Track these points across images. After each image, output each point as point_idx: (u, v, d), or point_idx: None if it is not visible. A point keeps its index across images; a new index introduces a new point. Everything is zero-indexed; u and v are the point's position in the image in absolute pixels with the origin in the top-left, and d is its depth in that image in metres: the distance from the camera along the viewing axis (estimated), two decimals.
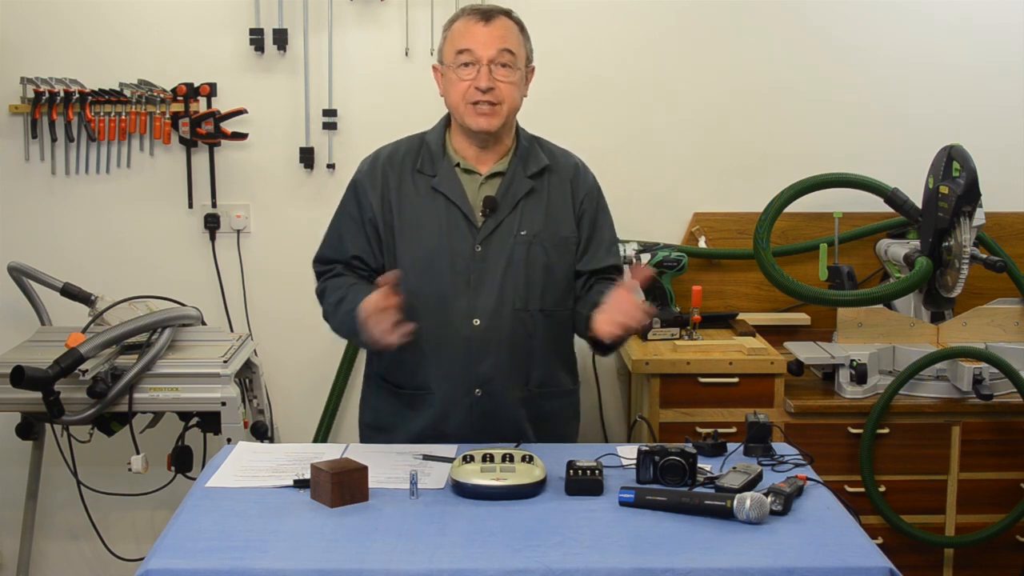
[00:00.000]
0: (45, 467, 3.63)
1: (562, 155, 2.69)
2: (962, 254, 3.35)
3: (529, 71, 2.61)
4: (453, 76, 2.53)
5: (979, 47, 3.81)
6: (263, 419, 3.47)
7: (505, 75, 2.51)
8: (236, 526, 2.03)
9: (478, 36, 2.51)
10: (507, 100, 2.52)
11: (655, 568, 1.88)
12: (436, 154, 2.60)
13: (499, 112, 2.52)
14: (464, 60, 2.51)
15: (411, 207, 2.58)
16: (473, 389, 2.57)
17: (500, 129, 2.55)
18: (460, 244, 2.55)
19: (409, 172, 2.60)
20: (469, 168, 2.60)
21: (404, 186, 2.59)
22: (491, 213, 2.55)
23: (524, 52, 2.57)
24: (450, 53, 2.54)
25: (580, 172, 2.68)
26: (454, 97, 2.54)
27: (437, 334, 2.56)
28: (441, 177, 2.58)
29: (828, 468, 3.08)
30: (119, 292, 3.44)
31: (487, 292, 2.55)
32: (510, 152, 2.62)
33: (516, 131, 2.64)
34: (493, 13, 2.54)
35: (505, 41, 2.52)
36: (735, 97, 3.82)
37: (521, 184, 2.59)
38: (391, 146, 2.67)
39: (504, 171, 2.59)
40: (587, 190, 2.66)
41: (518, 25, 2.57)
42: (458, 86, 2.52)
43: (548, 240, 2.59)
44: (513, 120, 2.61)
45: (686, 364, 3.37)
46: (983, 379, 3.32)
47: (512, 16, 2.57)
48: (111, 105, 3.66)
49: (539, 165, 2.61)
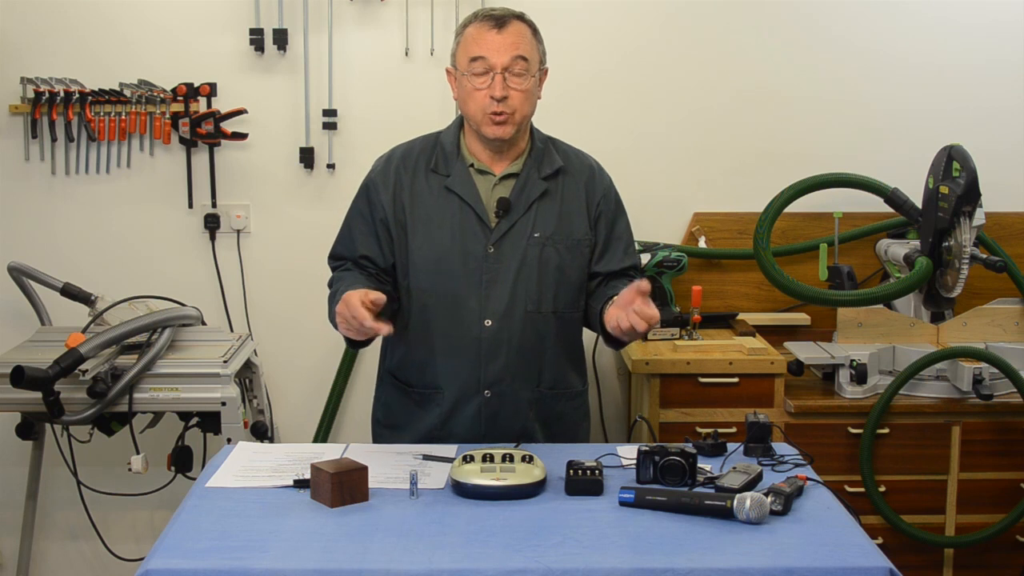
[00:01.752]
0: (45, 467, 3.63)
1: (577, 157, 2.68)
2: (962, 254, 3.35)
3: (543, 72, 2.60)
4: (468, 85, 2.52)
5: (979, 47, 3.81)
6: (263, 419, 3.47)
7: (518, 83, 2.50)
8: (236, 526, 2.03)
9: (491, 44, 2.49)
10: (519, 109, 2.51)
11: (655, 568, 1.88)
12: (450, 154, 2.60)
13: (512, 120, 2.51)
14: (478, 69, 2.50)
15: (424, 206, 2.58)
16: (483, 390, 2.57)
17: (513, 136, 2.55)
18: (473, 244, 2.55)
19: (423, 172, 2.60)
20: (483, 169, 2.59)
21: (417, 185, 2.59)
22: (504, 214, 2.55)
23: (538, 55, 2.56)
24: (463, 60, 2.53)
25: (596, 174, 2.67)
26: (471, 108, 2.53)
27: (448, 334, 2.56)
28: (455, 177, 2.58)
29: (828, 468, 3.09)
30: (119, 292, 3.44)
31: (499, 293, 2.55)
32: (524, 153, 2.61)
33: (531, 132, 2.64)
34: (506, 19, 2.52)
35: (518, 48, 2.50)
36: (735, 97, 3.82)
37: (535, 186, 2.59)
38: (405, 145, 2.67)
39: (518, 172, 2.59)
40: (603, 192, 2.66)
41: (531, 28, 2.56)
42: (474, 96, 2.51)
43: (561, 242, 2.59)
44: (527, 125, 2.60)
45: (686, 364, 3.37)
46: (983, 379, 3.32)
47: (525, 19, 2.56)
48: (111, 105, 3.66)
49: (553, 167, 2.61)
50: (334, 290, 2.55)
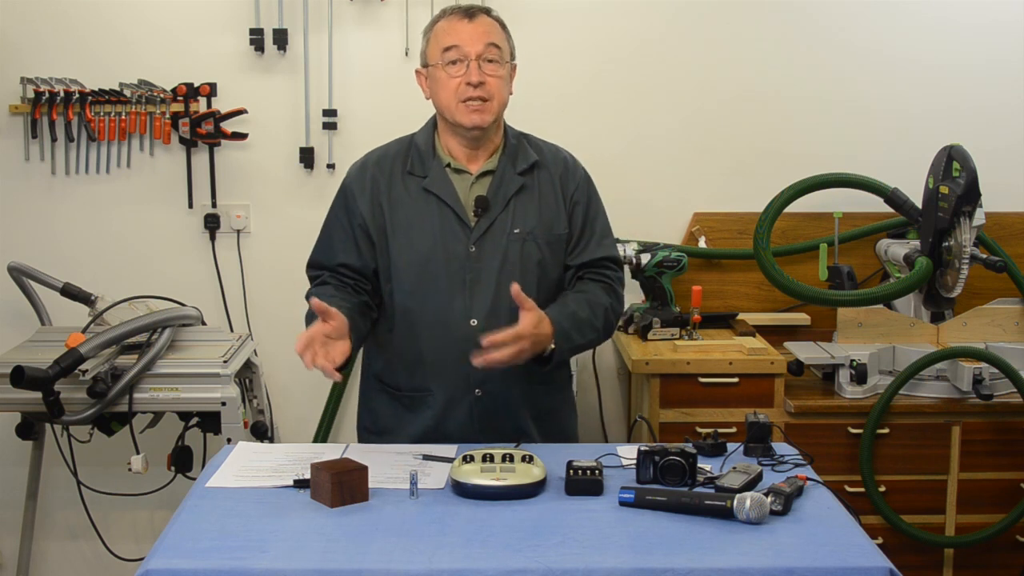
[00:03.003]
0: (45, 467, 3.63)
1: (550, 150, 2.68)
2: (962, 254, 3.35)
3: (512, 67, 2.61)
4: (442, 75, 2.52)
5: (979, 47, 3.81)
6: (263, 419, 3.47)
7: (493, 70, 2.51)
8: (236, 526, 2.03)
9: (464, 33, 2.51)
10: (496, 95, 2.52)
11: (655, 568, 1.88)
12: (426, 155, 2.59)
13: (490, 108, 2.52)
14: (452, 57, 2.51)
15: (403, 209, 2.57)
16: (473, 389, 2.57)
17: (490, 125, 2.55)
18: (454, 245, 2.55)
19: (399, 175, 2.59)
20: (460, 168, 2.59)
21: (395, 189, 2.58)
22: (483, 212, 2.55)
23: (508, 47, 2.58)
24: (435, 53, 2.54)
25: (570, 166, 2.67)
26: (445, 96, 2.53)
27: (435, 335, 2.55)
28: (432, 178, 2.57)
29: (828, 468, 3.08)
30: (119, 292, 3.44)
31: (483, 292, 2.54)
32: (499, 150, 2.61)
33: (504, 129, 2.64)
34: (475, 11, 2.55)
35: (490, 36, 2.52)
36: (735, 97, 3.82)
37: (512, 181, 2.58)
38: (380, 150, 2.67)
39: (494, 169, 2.59)
40: (577, 183, 2.65)
41: (499, 22, 2.59)
42: (448, 84, 2.51)
43: (541, 237, 2.58)
44: (502, 117, 2.61)
45: (686, 364, 3.37)
46: (983, 379, 3.32)
47: (492, 14, 2.59)
48: (111, 105, 3.66)
49: (528, 161, 2.61)
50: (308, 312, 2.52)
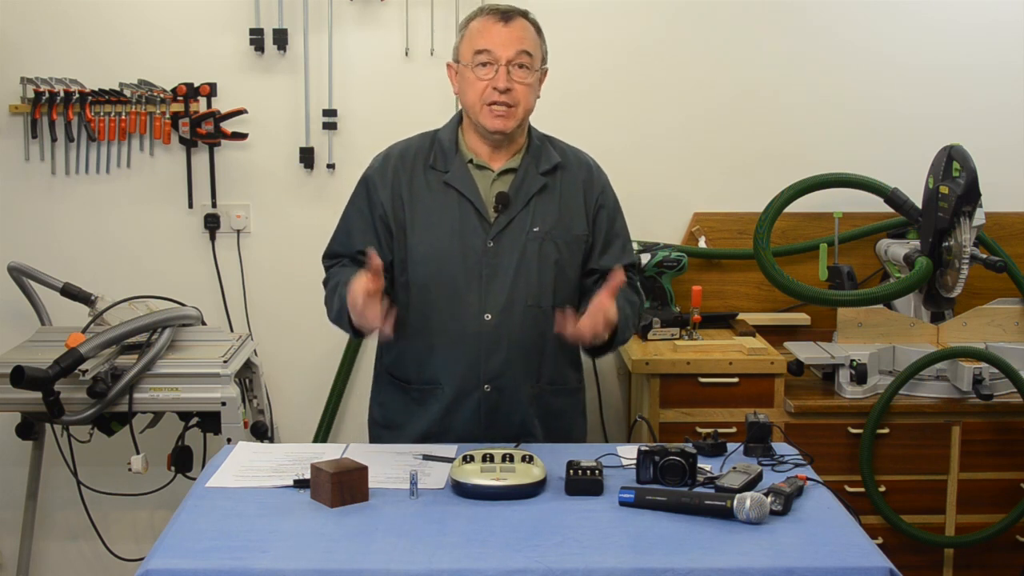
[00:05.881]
0: (45, 467, 3.63)
1: (574, 154, 2.69)
2: (962, 254, 3.35)
3: (543, 72, 2.61)
4: (471, 75, 2.53)
5: (979, 47, 3.81)
6: (263, 419, 3.47)
7: (522, 76, 2.52)
8: (236, 526, 2.03)
9: (497, 36, 2.51)
10: (523, 102, 2.53)
11: (655, 568, 1.88)
12: (449, 150, 2.60)
13: (515, 114, 2.53)
14: (482, 60, 2.51)
15: (423, 202, 2.58)
16: (482, 384, 2.57)
17: (514, 130, 2.56)
18: (472, 239, 2.55)
19: (421, 168, 2.61)
20: (482, 164, 2.60)
21: (416, 182, 2.59)
22: (503, 209, 2.56)
23: (540, 53, 2.58)
24: (467, 52, 2.54)
25: (594, 171, 2.69)
26: (471, 97, 2.54)
27: (448, 329, 2.56)
28: (454, 173, 2.58)
29: (828, 468, 3.08)
30: (119, 292, 3.44)
31: (499, 288, 2.55)
32: (523, 149, 2.62)
33: (528, 130, 2.65)
34: (512, 14, 2.55)
35: (523, 42, 2.52)
36: (735, 97, 3.82)
37: (534, 181, 2.59)
38: (403, 143, 2.68)
39: (516, 168, 2.60)
40: (602, 187, 2.68)
41: (535, 26, 2.58)
42: (475, 85, 2.52)
43: (560, 237, 2.59)
44: (527, 121, 2.61)
45: (686, 364, 3.37)
46: (983, 379, 3.32)
47: (529, 17, 2.58)
48: (111, 105, 3.66)
49: (551, 162, 2.62)
50: (333, 283, 2.55)
